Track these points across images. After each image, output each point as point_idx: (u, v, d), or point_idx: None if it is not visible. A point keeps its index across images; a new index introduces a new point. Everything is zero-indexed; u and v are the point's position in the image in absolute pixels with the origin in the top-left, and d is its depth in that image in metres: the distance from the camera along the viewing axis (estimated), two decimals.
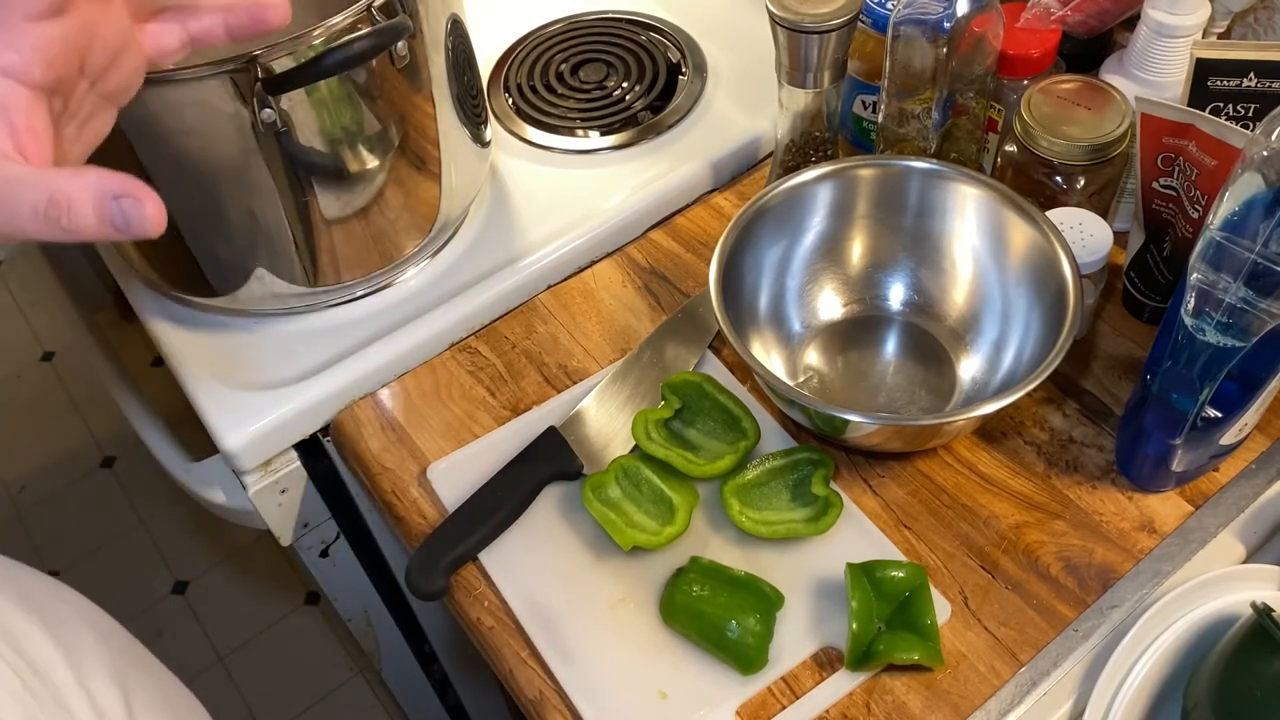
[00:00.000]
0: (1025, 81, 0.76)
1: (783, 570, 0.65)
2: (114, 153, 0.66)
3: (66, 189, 0.41)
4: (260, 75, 0.63)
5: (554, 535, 0.68)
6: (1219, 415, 0.62)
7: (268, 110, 0.64)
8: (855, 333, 0.76)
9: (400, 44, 0.68)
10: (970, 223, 0.73)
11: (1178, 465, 0.64)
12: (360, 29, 0.65)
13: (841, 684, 0.61)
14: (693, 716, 0.60)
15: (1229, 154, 0.62)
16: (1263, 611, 0.55)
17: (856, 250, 0.76)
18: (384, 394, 0.77)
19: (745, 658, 0.60)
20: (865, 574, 0.62)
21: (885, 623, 0.61)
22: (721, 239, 0.70)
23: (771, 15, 0.71)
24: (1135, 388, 0.66)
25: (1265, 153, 0.54)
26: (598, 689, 0.61)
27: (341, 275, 0.77)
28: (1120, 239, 0.74)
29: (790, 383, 0.72)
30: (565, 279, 0.83)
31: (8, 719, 0.41)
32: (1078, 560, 0.65)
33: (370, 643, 0.99)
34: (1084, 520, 0.66)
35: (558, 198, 0.86)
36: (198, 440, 0.80)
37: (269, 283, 0.76)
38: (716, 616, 0.61)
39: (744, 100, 0.92)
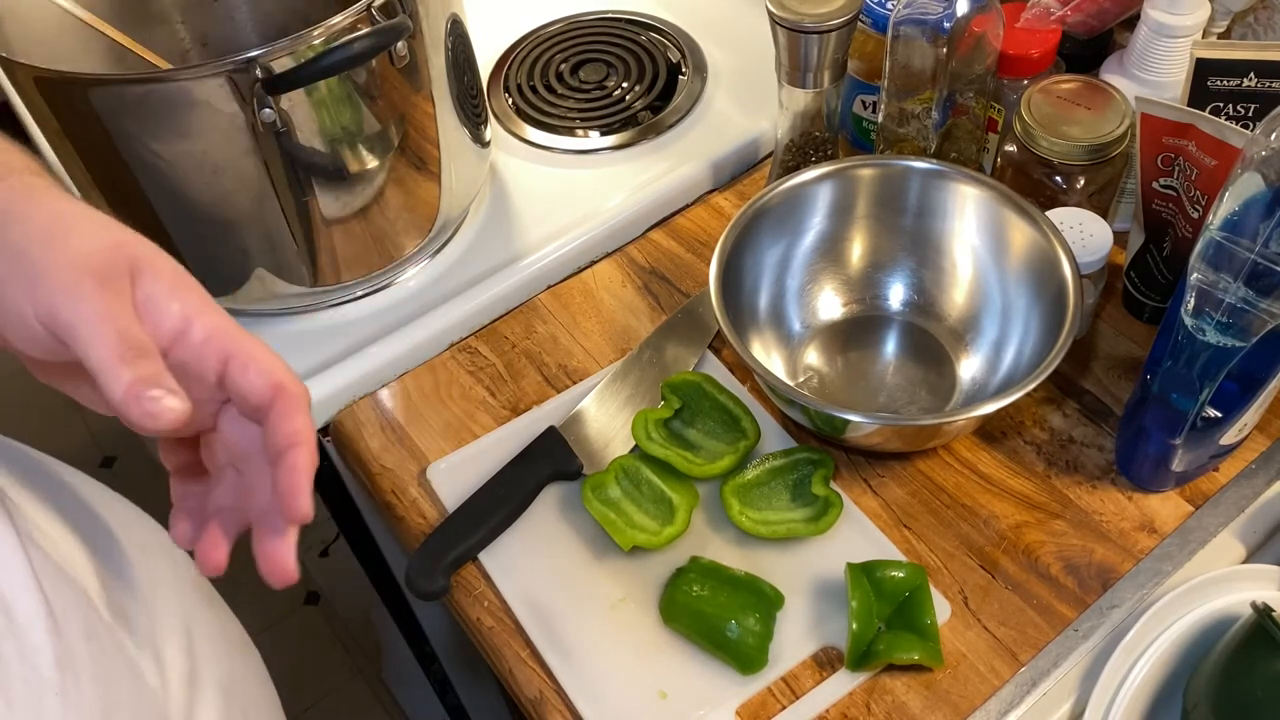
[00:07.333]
0: (1025, 81, 0.76)
1: (783, 570, 0.65)
2: (113, 152, 0.67)
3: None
4: (260, 75, 0.63)
5: (554, 535, 0.68)
6: (1219, 415, 0.62)
7: (268, 110, 0.64)
8: (855, 333, 0.76)
9: (400, 44, 0.68)
10: (970, 223, 0.73)
11: (1178, 465, 0.64)
12: (360, 29, 0.65)
13: (841, 684, 0.61)
14: (693, 716, 0.60)
15: (1229, 154, 0.62)
16: (1263, 611, 0.55)
17: (856, 250, 0.76)
18: (384, 394, 0.77)
19: (745, 658, 0.60)
20: (865, 574, 0.62)
21: (885, 623, 0.61)
22: (721, 239, 0.70)
23: (771, 15, 0.71)
24: (1135, 388, 0.66)
25: (1265, 153, 0.54)
26: (598, 689, 0.61)
27: (341, 275, 0.77)
28: (1120, 239, 0.74)
29: (790, 383, 0.72)
30: (565, 279, 0.83)
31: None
32: (1078, 560, 0.64)
33: (370, 643, 0.99)
34: (1084, 520, 0.66)
35: (558, 198, 0.86)
36: None
37: (269, 283, 0.76)
38: (716, 616, 0.61)
39: (744, 100, 0.92)
